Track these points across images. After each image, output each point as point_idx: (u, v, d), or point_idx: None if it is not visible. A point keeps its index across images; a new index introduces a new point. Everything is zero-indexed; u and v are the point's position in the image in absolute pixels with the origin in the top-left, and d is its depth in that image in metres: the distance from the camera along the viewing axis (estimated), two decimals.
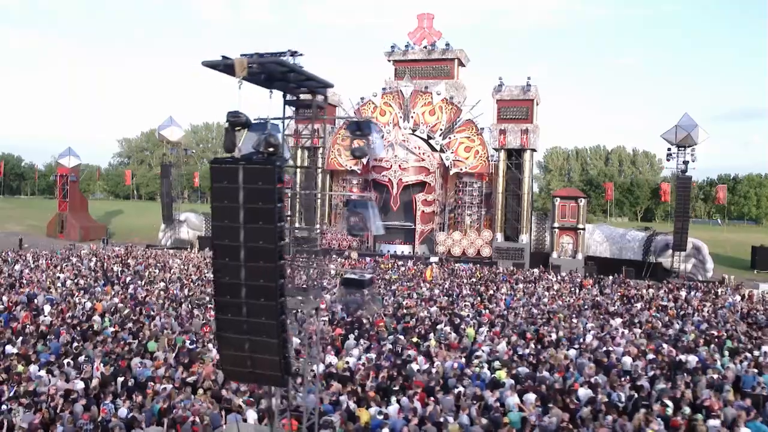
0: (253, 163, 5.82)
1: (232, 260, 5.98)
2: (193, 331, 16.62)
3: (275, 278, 5.93)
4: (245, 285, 5.99)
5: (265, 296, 5.95)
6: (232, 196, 5.89)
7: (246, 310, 6.04)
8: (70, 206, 52.49)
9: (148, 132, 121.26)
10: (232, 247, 5.97)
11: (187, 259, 35.09)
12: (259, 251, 5.90)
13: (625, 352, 15.87)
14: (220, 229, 6.02)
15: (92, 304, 19.77)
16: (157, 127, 48.18)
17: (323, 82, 6.69)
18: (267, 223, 5.84)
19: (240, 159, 5.88)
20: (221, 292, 6.12)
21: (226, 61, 5.72)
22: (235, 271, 6.00)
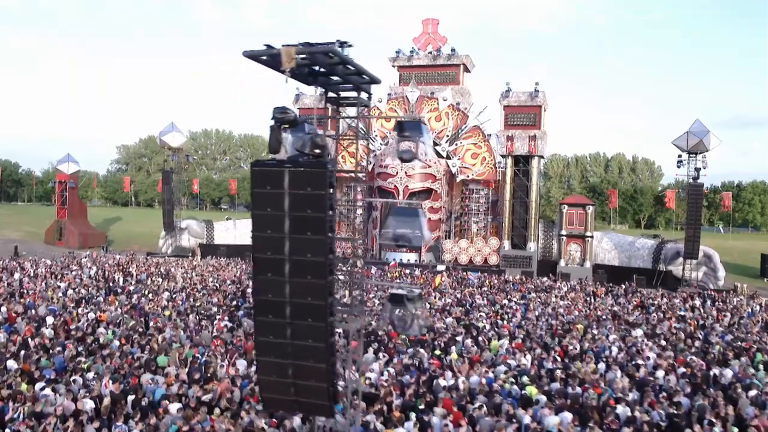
0: (301, 166, 5.15)
1: (275, 275, 5.31)
2: (203, 344, 15.89)
3: (324, 296, 5.26)
4: (290, 303, 5.32)
5: (313, 316, 5.28)
6: (276, 203, 5.22)
7: (291, 331, 5.37)
8: (69, 213, 51.71)
9: (147, 138, 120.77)
10: (275, 260, 5.30)
11: (190, 267, 34.34)
12: (306, 265, 5.23)
13: (655, 366, 15.23)
14: (261, 241, 5.35)
15: (95, 315, 19.04)
16: (158, 133, 47.50)
17: (372, 77, 6.05)
18: (316, 233, 5.18)
19: (285, 161, 5.21)
20: (262, 311, 5.44)
21: (271, 50, 5.07)
22: (278, 288, 5.33)
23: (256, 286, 5.43)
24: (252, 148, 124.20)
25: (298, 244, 5.23)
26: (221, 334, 16.70)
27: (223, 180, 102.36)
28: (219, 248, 44.90)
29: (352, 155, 38.04)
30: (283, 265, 5.29)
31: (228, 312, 20.17)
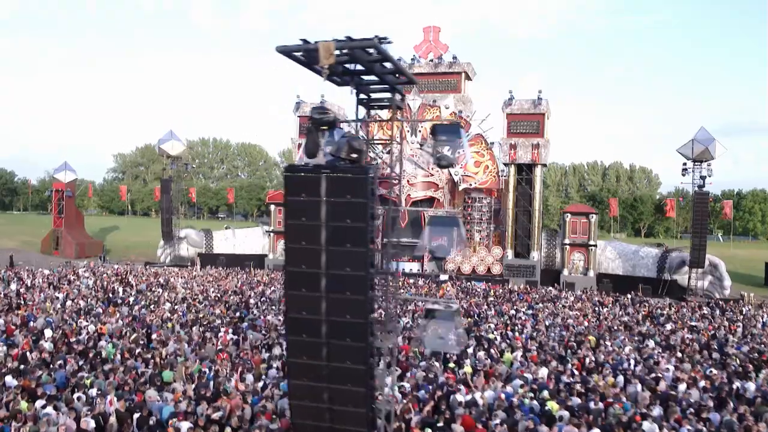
0: (339, 172, 4.71)
1: (310, 291, 4.86)
2: (208, 357, 15.36)
3: (364, 313, 4.82)
4: (326, 321, 4.86)
5: (352, 335, 4.84)
6: (311, 212, 4.79)
7: (327, 352, 4.91)
8: (66, 222, 51.09)
9: (144, 147, 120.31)
10: (310, 274, 4.86)
11: (190, 277, 33.79)
12: (345, 280, 4.79)
13: (675, 379, 14.79)
14: (295, 253, 4.91)
15: (96, 327, 18.49)
16: (157, 141, 47.02)
17: (410, 76, 5.63)
18: (357, 245, 4.74)
19: (322, 166, 4.78)
20: (294, 329, 4.99)
21: (307, 45, 4.65)
22: (313, 305, 4.88)
23: (288, 302, 4.97)
24: (249, 157, 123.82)
25: (335, 257, 4.79)
26: (227, 347, 16.17)
27: (221, 189, 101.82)
28: (218, 258, 44.37)
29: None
30: (319, 279, 4.85)
31: (232, 324, 19.64)
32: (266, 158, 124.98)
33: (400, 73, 5.46)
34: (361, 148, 5.02)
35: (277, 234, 47.71)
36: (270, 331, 18.77)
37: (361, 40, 4.73)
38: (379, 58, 5.00)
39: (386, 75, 5.63)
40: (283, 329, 19.04)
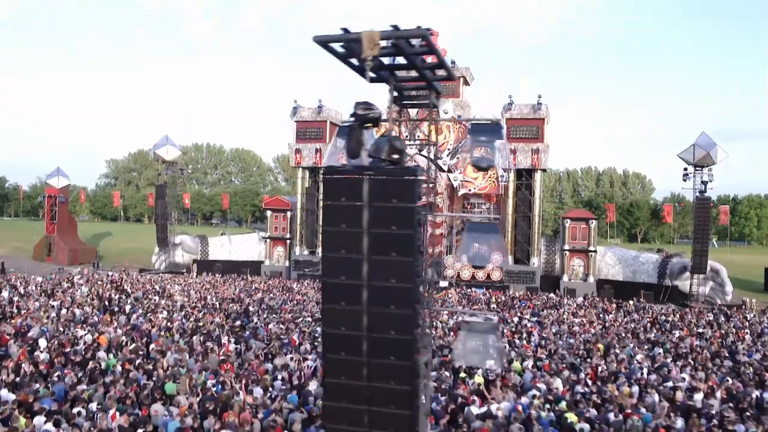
0: (385, 173, 4.29)
1: (350, 304, 4.43)
2: (211, 368, 14.85)
3: (411, 329, 4.39)
4: (368, 338, 4.43)
5: (397, 353, 4.41)
6: (352, 218, 4.36)
7: (368, 371, 4.47)
8: (59, 228, 50.34)
9: (136, 152, 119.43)
10: (350, 286, 4.43)
11: (187, 284, 33.22)
12: (389, 293, 4.36)
13: (691, 388, 14.42)
14: (333, 263, 4.48)
15: (93, 336, 17.93)
16: (152, 146, 46.44)
17: (450, 72, 5.23)
18: (403, 254, 4.32)
19: (365, 167, 4.36)
20: (332, 347, 4.55)
21: (347, 35, 4.24)
22: (353, 319, 4.45)
23: (325, 317, 4.54)
24: (243, 163, 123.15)
25: (379, 267, 4.37)
26: (230, 357, 15.66)
27: (215, 194, 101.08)
28: (214, 264, 43.80)
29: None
30: (360, 291, 4.42)
31: (234, 333, 19.13)
32: (260, 164, 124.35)
33: (442, 68, 5.05)
34: (403, 148, 4.61)
35: (273, 240, 47.25)
36: (272, 340, 18.28)
37: (408, 30, 4.32)
38: (424, 50, 4.60)
39: (425, 70, 5.22)
40: (285, 338, 18.56)
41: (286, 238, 46.80)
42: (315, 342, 18.37)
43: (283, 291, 32.09)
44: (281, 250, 47.27)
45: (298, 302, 27.73)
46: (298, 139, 45.09)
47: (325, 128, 44.77)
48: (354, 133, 4.55)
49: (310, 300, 28.27)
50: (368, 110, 4.50)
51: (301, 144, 44.80)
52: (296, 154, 44.94)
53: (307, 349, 17.30)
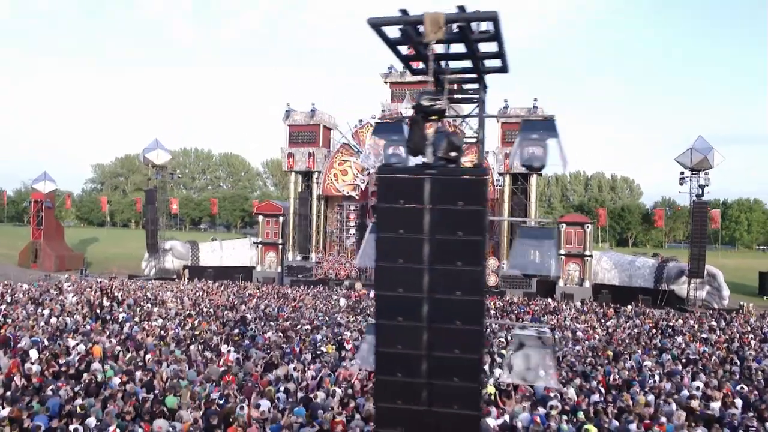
0: (450, 173, 3.81)
1: (409, 319, 3.94)
2: (213, 380, 14.24)
3: (477, 347, 3.91)
4: (428, 357, 3.94)
5: (461, 374, 3.93)
6: (411, 223, 3.88)
7: (427, 394, 3.97)
8: (45, 234, 49.26)
9: (123, 157, 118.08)
10: (408, 299, 3.94)
11: (179, 291, 32.48)
12: (454, 307, 3.88)
13: (706, 396, 14.06)
14: (388, 273, 3.99)
15: (86, 346, 17.22)
16: (142, 150, 45.61)
17: (505, 63, 4.76)
18: (470, 263, 3.85)
19: (427, 165, 3.88)
20: (386, 367, 4.05)
21: (406, 17, 3.76)
22: (411, 336, 3.96)
23: (379, 334, 4.04)
24: (231, 168, 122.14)
25: (442, 278, 3.88)
26: (232, 368, 15.05)
27: (204, 200, 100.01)
28: (206, 270, 43.01)
29: (345, 173, 36.59)
30: (420, 305, 3.93)
31: (233, 341, 18.52)
32: (248, 169, 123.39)
33: (499, 57, 4.58)
34: (461, 146, 4.14)
35: (265, 245, 46.57)
36: (273, 349, 17.68)
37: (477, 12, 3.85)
38: (489, 35, 4.13)
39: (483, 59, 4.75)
40: (287, 347, 17.98)
41: (278, 244, 46.14)
42: (316, 350, 17.85)
43: (278, 298, 31.46)
44: (273, 255, 46.59)
45: (295, 309, 27.14)
46: (291, 143, 44.50)
47: (319, 132, 44.24)
48: (417, 127, 4.05)
49: (307, 307, 27.68)
50: (435, 101, 4.01)
51: (293, 148, 44.22)
52: (289, 158, 44.31)
53: (307, 359, 16.75)
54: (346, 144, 43.52)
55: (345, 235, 44.37)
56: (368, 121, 43.30)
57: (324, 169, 43.69)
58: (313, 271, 42.87)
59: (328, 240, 45.06)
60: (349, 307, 28.64)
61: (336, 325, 22.75)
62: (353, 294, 33.88)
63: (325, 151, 44.34)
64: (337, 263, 42.83)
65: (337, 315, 25.58)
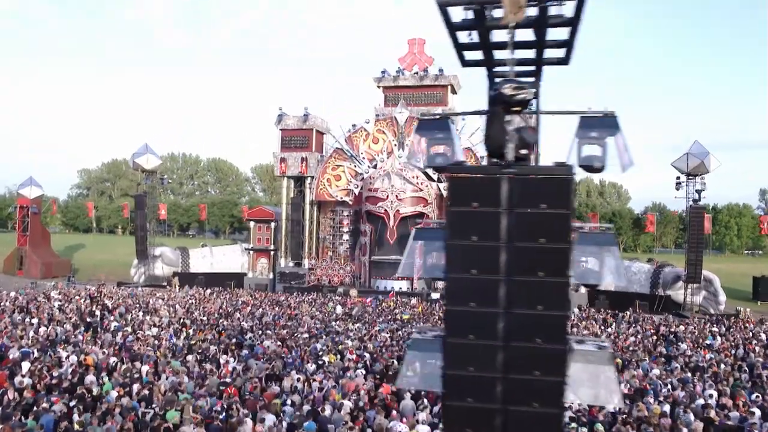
0: (532, 171, 3.37)
1: (482, 338, 3.48)
2: (213, 392, 13.67)
3: (561, 368, 3.45)
4: (504, 380, 3.48)
5: (541, 399, 3.46)
6: (486, 228, 3.42)
7: (502, 421, 3.51)
8: (31, 240, 48.18)
9: (110, 162, 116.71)
10: (481, 315, 3.48)
11: (171, 298, 31.75)
12: (535, 323, 3.42)
13: (722, 405, 13.73)
14: (459, 285, 3.52)
15: (79, 358, 16.56)
16: (132, 155, 44.80)
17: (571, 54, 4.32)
18: (553, 274, 3.39)
19: (504, 163, 3.43)
20: (455, 392, 3.59)
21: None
22: (484, 356, 3.50)
23: (448, 354, 3.58)
24: (220, 173, 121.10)
25: (520, 290, 3.43)
26: (234, 380, 14.47)
27: (192, 205, 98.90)
28: (196, 277, 42.25)
29: (338, 178, 36.00)
30: (495, 322, 3.47)
31: (231, 352, 17.92)
32: (237, 174, 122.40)
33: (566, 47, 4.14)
34: (534, 143, 3.70)
35: (256, 252, 45.94)
36: (273, 359, 17.12)
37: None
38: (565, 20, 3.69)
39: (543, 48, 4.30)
40: (288, 357, 17.42)
41: (270, 250, 45.54)
42: (318, 360, 17.32)
43: (273, 305, 30.83)
44: (265, 261, 45.99)
45: (291, 317, 26.55)
46: (283, 148, 43.97)
47: (311, 137, 43.78)
48: (497, 119, 3.60)
49: (303, 314, 27.11)
50: (519, 89, 3.56)
51: (286, 153, 43.69)
52: (281, 163, 43.77)
53: (310, 369, 16.22)
54: (340, 149, 43.07)
55: (338, 240, 43.83)
56: (362, 126, 42.91)
57: (317, 174, 43.17)
58: (306, 277, 42.27)
59: (321, 246, 44.49)
60: (346, 314, 28.11)
61: (335, 333, 22.23)
62: (349, 301, 33.34)
63: (318, 155, 43.86)
64: (330, 269, 42.25)
65: (335, 323, 25.05)
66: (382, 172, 39.58)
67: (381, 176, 39.55)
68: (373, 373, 15.94)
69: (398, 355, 18.14)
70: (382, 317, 27.40)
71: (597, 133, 4.73)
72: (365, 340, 20.85)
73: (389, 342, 20.71)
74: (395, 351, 18.80)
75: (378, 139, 42.23)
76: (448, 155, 4.95)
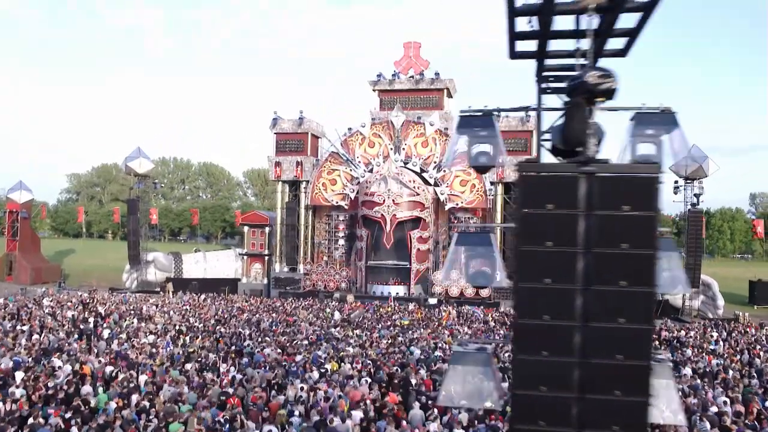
0: (614, 169, 3.03)
1: (556, 354, 3.13)
2: (215, 403, 13.22)
3: (644, 387, 3.10)
4: (580, 401, 3.12)
5: (623, 422, 3.11)
6: (562, 233, 3.08)
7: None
8: (21, 245, 47.37)
9: (100, 167, 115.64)
10: (556, 329, 3.12)
11: (165, 304, 31.19)
12: (616, 337, 3.07)
13: (737, 413, 13.47)
14: (531, 296, 3.17)
15: (74, 367, 16.04)
16: (124, 159, 44.17)
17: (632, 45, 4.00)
18: (638, 283, 3.05)
19: (584, 160, 3.09)
20: (526, 414, 3.23)
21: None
22: (558, 375, 3.14)
23: (517, 373, 3.22)
24: (211, 177, 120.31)
25: (600, 302, 3.08)
26: (236, 389, 14.02)
27: (184, 210, 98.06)
28: (190, 282, 41.64)
29: (334, 183, 35.47)
30: (571, 336, 3.12)
31: (232, 360, 17.46)
32: (228, 178, 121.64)
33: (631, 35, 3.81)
34: (603, 137, 3.36)
35: (251, 257, 45.39)
36: (275, 367, 16.68)
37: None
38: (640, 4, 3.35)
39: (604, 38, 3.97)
40: (293, 365, 16.99)
41: (264, 255, 45.02)
42: (321, 368, 16.89)
43: (270, 311, 30.36)
44: (259, 267, 45.43)
45: (289, 323, 26.10)
46: (278, 152, 43.48)
47: (307, 140, 43.34)
48: (578, 112, 3.25)
49: (302, 321, 26.66)
50: (605, 78, 3.20)
51: (281, 157, 43.19)
52: (276, 167, 43.26)
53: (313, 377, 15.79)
54: (335, 153, 42.65)
55: (334, 245, 43.37)
56: (357, 130, 42.53)
57: (312, 178, 42.72)
58: (302, 282, 41.77)
59: (316, 251, 43.99)
60: (344, 320, 27.69)
61: (335, 340, 21.82)
62: (346, 306, 32.92)
63: (314, 159, 43.42)
64: (326, 275, 41.77)
65: (333, 329, 24.62)
66: (378, 176, 39.22)
67: (377, 180, 39.19)
68: (377, 381, 15.54)
69: (402, 362, 17.78)
70: (381, 323, 27.00)
71: (653, 130, 4.42)
72: (366, 347, 20.47)
73: (391, 349, 20.32)
74: (399, 358, 18.43)
75: (374, 143, 41.87)
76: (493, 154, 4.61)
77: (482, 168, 4.68)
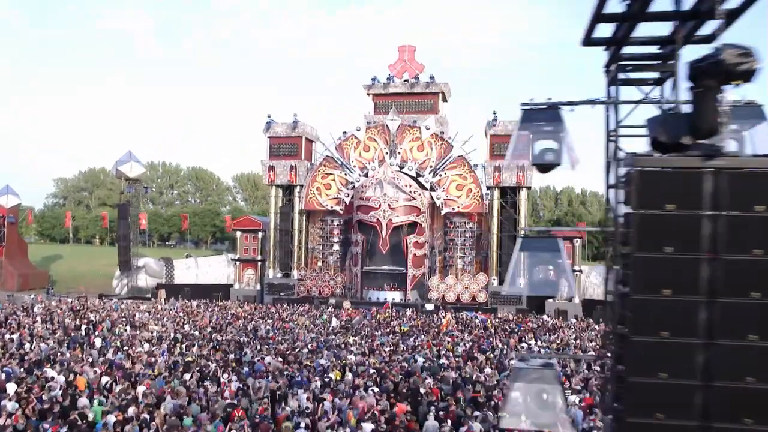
0: (745, 164, 2.63)
1: (677, 376, 2.72)
2: (219, 415, 12.67)
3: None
4: (704, 429, 2.71)
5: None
6: (684, 237, 2.67)
7: None
8: (7, 251, 46.46)
9: (87, 171, 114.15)
10: (676, 347, 2.71)
11: (158, 311, 30.51)
12: (747, 357, 2.66)
13: None
14: (646, 309, 2.75)
15: (67, 378, 15.40)
16: (115, 163, 43.42)
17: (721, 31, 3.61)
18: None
19: (712, 152, 2.68)
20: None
21: None
22: (678, 400, 2.73)
23: (629, 397, 2.80)
24: (201, 182, 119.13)
25: (728, 316, 2.68)
26: (239, 401, 13.48)
27: (173, 215, 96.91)
28: (182, 288, 40.92)
29: (328, 187, 34.96)
30: (693, 355, 2.71)
31: (232, 369, 16.89)
32: (218, 183, 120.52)
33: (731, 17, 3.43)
34: (723, 124, 2.93)
35: (243, 262, 44.76)
36: (277, 376, 16.15)
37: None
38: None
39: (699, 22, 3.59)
40: (291, 374, 16.47)
41: (257, 260, 44.42)
42: (324, 377, 16.38)
43: (265, 317, 29.77)
44: (252, 272, 44.82)
45: (286, 330, 25.55)
46: (272, 156, 42.96)
47: (301, 144, 42.88)
48: (710, 97, 2.84)
49: (300, 327, 26.12)
50: (745, 57, 2.78)
51: (274, 161, 42.67)
52: (269, 171, 42.72)
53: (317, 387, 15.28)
54: (330, 157, 42.21)
55: (328, 251, 42.84)
56: (352, 134, 42.14)
57: (306, 182, 42.23)
58: (296, 288, 41.21)
59: (310, 256, 43.46)
60: (343, 327, 27.19)
61: (335, 347, 21.31)
62: (342, 312, 32.42)
63: (308, 164, 42.96)
64: (320, 280, 41.23)
65: (332, 336, 24.12)
66: (374, 181, 38.84)
67: (373, 185, 38.81)
68: (384, 391, 15.07)
69: (407, 370, 17.33)
70: (381, 330, 26.53)
71: (740, 124, 4.06)
72: (368, 355, 20.00)
73: (394, 356, 19.85)
74: (404, 367, 17.97)
75: (369, 147, 41.48)
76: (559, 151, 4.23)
77: (546, 167, 4.29)
